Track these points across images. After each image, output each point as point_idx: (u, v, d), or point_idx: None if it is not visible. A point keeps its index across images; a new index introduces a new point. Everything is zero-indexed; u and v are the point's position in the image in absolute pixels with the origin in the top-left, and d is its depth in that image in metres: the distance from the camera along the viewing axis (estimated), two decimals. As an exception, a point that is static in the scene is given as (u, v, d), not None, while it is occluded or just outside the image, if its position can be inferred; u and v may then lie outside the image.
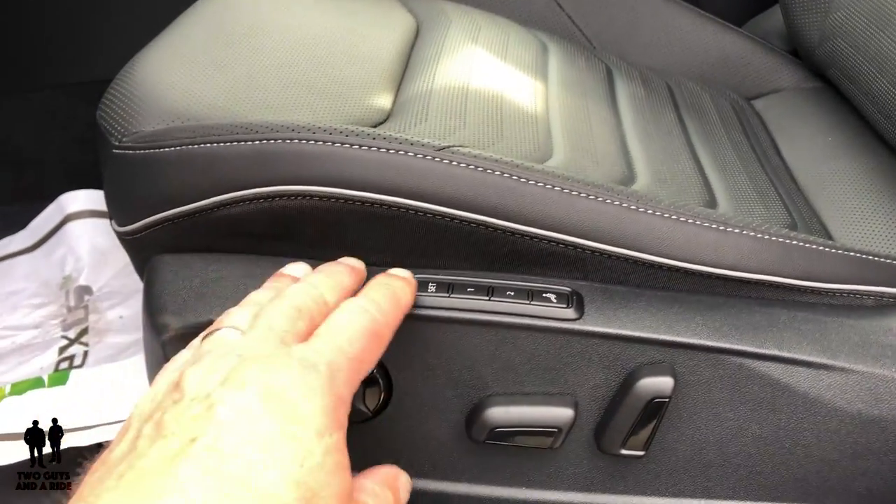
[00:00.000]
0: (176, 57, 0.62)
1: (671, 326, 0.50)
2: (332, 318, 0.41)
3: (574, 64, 0.80)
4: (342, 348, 0.39)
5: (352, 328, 0.40)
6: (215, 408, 0.34)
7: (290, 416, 0.34)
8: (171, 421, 0.33)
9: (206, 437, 0.32)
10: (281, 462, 0.33)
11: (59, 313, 0.94)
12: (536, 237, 0.51)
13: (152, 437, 0.33)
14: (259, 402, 0.34)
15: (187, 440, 0.32)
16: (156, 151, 0.53)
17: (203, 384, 0.35)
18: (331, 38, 0.70)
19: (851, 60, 0.75)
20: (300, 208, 0.51)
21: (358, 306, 0.42)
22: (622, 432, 0.51)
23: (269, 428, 0.33)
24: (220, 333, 0.40)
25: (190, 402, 0.34)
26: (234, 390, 0.35)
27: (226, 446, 0.32)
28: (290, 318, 0.41)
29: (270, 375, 0.36)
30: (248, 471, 0.32)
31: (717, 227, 0.52)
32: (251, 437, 0.33)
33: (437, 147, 0.50)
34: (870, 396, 0.50)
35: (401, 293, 0.45)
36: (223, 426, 0.33)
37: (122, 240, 0.58)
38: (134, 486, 0.31)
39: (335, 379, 0.37)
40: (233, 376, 0.35)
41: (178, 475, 0.31)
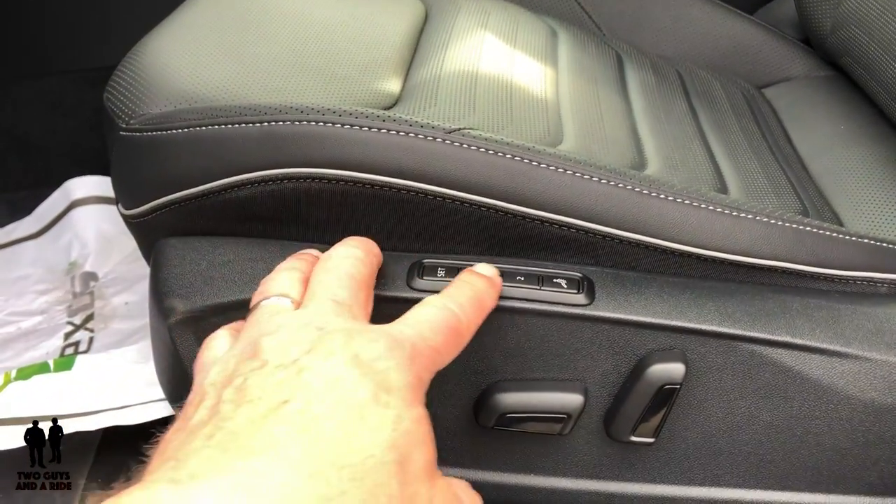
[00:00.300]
0: (183, 40, 0.62)
1: (683, 312, 0.50)
2: (416, 309, 0.41)
3: (584, 50, 0.80)
4: (424, 335, 0.39)
5: (435, 321, 0.41)
6: (304, 374, 0.34)
7: (380, 384, 0.34)
8: (256, 386, 0.33)
9: (297, 400, 0.33)
10: (375, 426, 0.33)
11: (64, 299, 0.94)
12: (547, 221, 0.50)
13: (236, 401, 0.33)
14: (349, 370, 0.34)
15: (277, 402, 0.32)
16: (163, 134, 0.53)
17: (286, 352, 0.35)
18: (339, 22, 0.69)
19: (864, 48, 0.74)
20: (308, 191, 0.50)
21: (442, 304, 0.42)
22: (632, 419, 0.51)
23: (361, 394, 0.34)
24: (272, 302, 0.41)
25: (275, 368, 0.34)
26: (322, 358, 0.35)
27: (318, 409, 0.32)
28: (349, 288, 0.42)
29: (358, 346, 0.36)
30: (343, 432, 0.32)
31: (729, 213, 0.51)
32: (343, 403, 0.33)
33: (448, 129, 0.50)
34: (883, 385, 0.49)
35: (484, 295, 0.45)
36: (313, 391, 0.33)
37: (128, 223, 0.58)
38: (226, 444, 0.31)
39: (417, 360, 0.38)
40: (318, 346, 0.36)
41: (273, 433, 0.31)
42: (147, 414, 0.71)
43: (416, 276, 0.50)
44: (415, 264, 0.51)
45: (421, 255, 0.52)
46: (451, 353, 0.41)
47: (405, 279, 0.50)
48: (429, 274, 0.50)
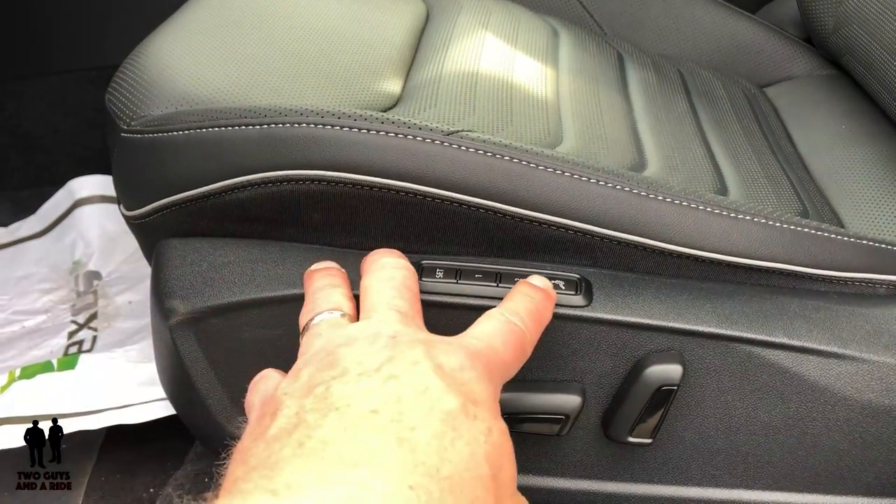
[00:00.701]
0: (184, 42, 0.62)
1: (680, 314, 0.50)
2: (481, 323, 0.41)
3: (585, 50, 0.80)
4: (495, 348, 0.39)
5: (502, 334, 0.40)
6: (391, 382, 0.33)
7: (467, 395, 0.34)
8: (341, 394, 0.33)
9: (388, 410, 0.32)
10: (468, 437, 0.32)
11: (68, 298, 0.94)
12: (545, 223, 0.50)
13: (321, 409, 0.32)
14: (437, 379, 0.34)
15: (367, 411, 0.32)
16: (164, 135, 0.53)
17: (367, 360, 0.35)
18: (340, 23, 0.69)
19: (866, 48, 0.74)
20: (307, 193, 0.50)
21: (505, 318, 0.42)
22: (630, 420, 0.51)
23: (451, 405, 0.33)
24: (326, 317, 0.41)
25: (358, 376, 0.34)
26: (406, 367, 0.34)
27: (411, 418, 0.32)
28: (408, 300, 0.41)
29: (439, 356, 0.35)
30: (439, 443, 0.31)
31: (727, 214, 0.51)
32: (435, 413, 0.32)
33: (446, 132, 0.50)
34: (880, 386, 0.50)
35: (543, 308, 0.45)
36: (403, 400, 0.32)
37: (130, 224, 0.58)
38: (319, 453, 0.30)
39: (493, 372, 0.37)
40: (399, 355, 0.35)
41: (368, 444, 0.30)
42: (149, 413, 0.71)
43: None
44: (414, 265, 0.51)
45: (420, 257, 0.52)
46: (517, 365, 0.41)
47: (404, 281, 0.50)
48: (428, 275, 0.51)
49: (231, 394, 0.55)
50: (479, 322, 0.41)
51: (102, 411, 0.72)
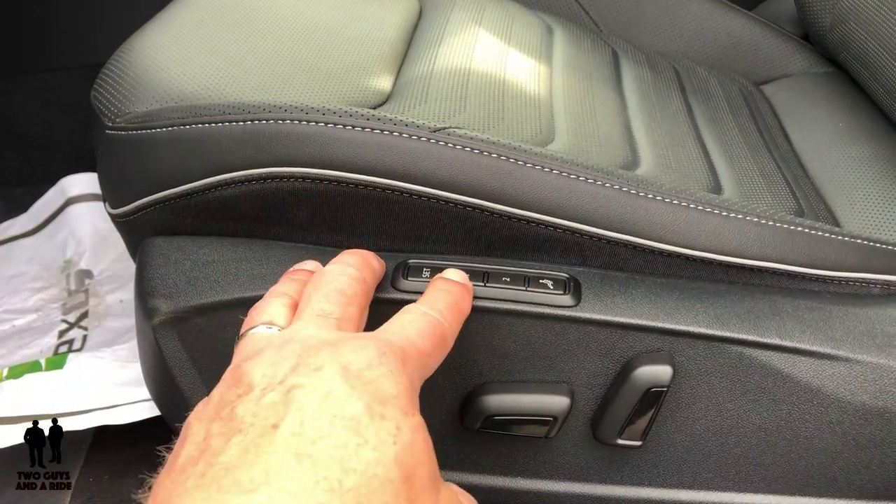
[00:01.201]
0: (170, 38, 0.61)
1: (670, 314, 0.49)
2: (398, 317, 0.40)
3: (579, 47, 0.79)
4: (412, 339, 0.38)
5: (419, 326, 0.40)
6: (293, 392, 0.32)
7: (373, 395, 0.33)
8: (245, 413, 0.31)
9: (289, 422, 0.31)
10: (375, 441, 0.31)
11: (59, 297, 0.93)
12: (533, 221, 0.49)
13: (226, 433, 0.31)
14: (340, 383, 0.33)
15: (268, 427, 0.31)
16: (147, 132, 0.52)
17: (271, 373, 0.34)
18: (330, 18, 0.68)
19: (863, 45, 0.74)
20: (292, 190, 0.50)
21: (422, 311, 0.41)
22: (619, 422, 0.50)
23: (355, 408, 0.32)
24: (258, 330, 0.40)
25: (261, 391, 0.33)
26: (309, 374, 0.33)
27: (313, 429, 0.31)
28: (339, 304, 0.40)
29: (345, 356, 0.34)
30: (342, 452, 0.30)
31: (718, 213, 0.50)
32: (338, 419, 0.31)
33: (433, 129, 0.49)
34: (874, 387, 0.49)
35: (461, 301, 0.44)
36: (305, 409, 0.31)
37: (115, 222, 0.58)
38: (221, 481, 0.29)
39: (408, 365, 0.36)
40: (304, 361, 0.34)
41: (269, 463, 0.29)
42: (136, 413, 0.70)
43: (402, 276, 0.50)
44: (400, 265, 0.50)
45: (406, 256, 0.51)
46: (438, 357, 0.40)
47: (390, 280, 0.50)
48: (414, 275, 0.50)
49: (215, 394, 0.54)
50: (396, 316, 0.40)
51: (90, 411, 0.71)
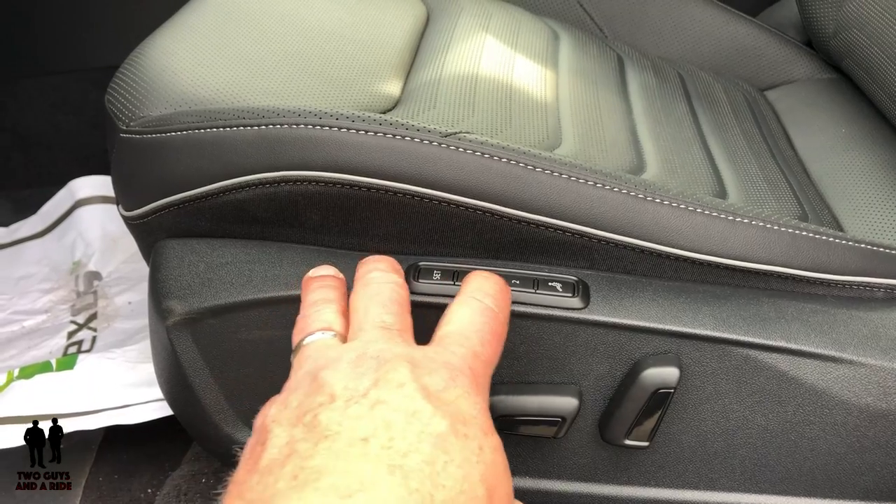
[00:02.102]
0: (184, 42, 0.62)
1: (677, 317, 0.50)
2: (455, 314, 0.41)
3: (585, 52, 0.80)
4: (477, 352, 0.39)
5: (481, 330, 0.40)
6: (378, 407, 0.33)
7: (455, 414, 0.34)
8: (330, 422, 0.32)
9: (379, 436, 0.32)
10: (460, 459, 0.32)
11: (68, 298, 0.94)
12: (542, 225, 0.50)
13: (311, 438, 0.32)
14: (424, 402, 0.33)
15: (357, 439, 0.31)
16: (162, 136, 0.53)
17: (353, 386, 0.34)
18: (340, 25, 0.69)
19: (866, 51, 0.74)
20: (305, 194, 0.50)
21: (478, 304, 0.41)
22: (626, 423, 0.51)
23: (441, 426, 0.33)
24: (317, 337, 0.40)
25: (345, 402, 0.33)
26: (392, 390, 0.34)
27: (402, 444, 0.31)
28: (396, 314, 0.41)
29: (423, 378, 0.35)
30: (432, 468, 0.31)
31: (725, 217, 0.51)
32: (425, 435, 0.32)
33: (444, 133, 0.50)
34: (878, 390, 0.49)
35: (505, 286, 0.44)
36: (393, 425, 0.32)
37: (128, 224, 0.58)
38: (316, 483, 0.29)
39: (478, 381, 0.37)
40: (384, 377, 0.34)
41: (363, 472, 0.30)
42: (147, 413, 0.71)
43: (413, 278, 0.50)
44: (411, 267, 0.51)
45: (417, 258, 0.52)
46: (498, 355, 0.41)
47: (401, 282, 0.50)
48: (425, 277, 0.51)
49: (228, 395, 0.55)
50: (451, 312, 0.41)
51: (100, 411, 0.72)
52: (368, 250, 0.53)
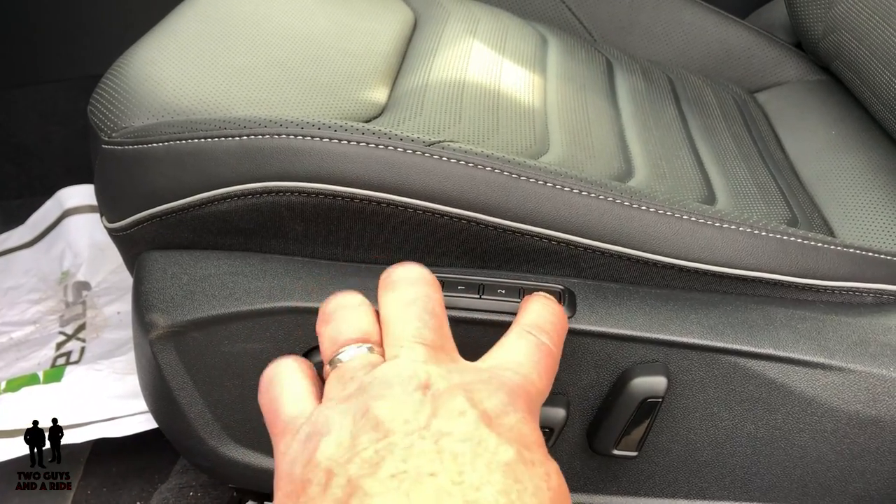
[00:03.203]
0: (167, 52, 0.62)
1: (665, 325, 0.49)
2: (511, 343, 0.39)
3: (574, 57, 0.79)
4: (532, 379, 0.37)
5: (535, 360, 0.38)
6: (443, 441, 0.31)
7: (519, 441, 0.32)
8: (393, 457, 0.31)
9: (447, 470, 0.30)
10: (532, 488, 0.31)
11: (57, 309, 0.94)
12: (528, 234, 0.50)
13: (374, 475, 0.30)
14: (487, 431, 0.32)
15: (425, 475, 0.30)
16: (144, 147, 0.53)
17: (412, 418, 0.33)
18: (325, 32, 0.69)
19: (855, 53, 0.74)
20: (288, 205, 0.50)
21: (535, 340, 0.39)
22: (615, 432, 0.50)
23: (508, 454, 0.31)
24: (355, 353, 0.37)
25: (405, 437, 0.32)
26: (453, 420, 0.32)
27: (473, 477, 0.30)
28: (435, 328, 0.38)
29: (483, 401, 0.34)
30: (507, 498, 0.30)
31: (712, 224, 0.51)
32: (494, 465, 0.31)
33: (427, 142, 0.50)
34: (867, 396, 0.49)
35: (562, 318, 0.42)
36: (460, 458, 0.31)
37: (112, 236, 0.58)
38: None
39: (534, 409, 0.36)
40: (443, 406, 0.33)
41: None
42: (135, 426, 0.71)
43: (397, 289, 0.50)
44: (396, 277, 0.51)
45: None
46: (549, 388, 0.39)
47: (386, 293, 0.50)
48: (410, 287, 0.50)
49: (213, 408, 0.55)
50: (507, 343, 0.39)
51: (88, 424, 0.71)
52: (352, 261, 0.53)
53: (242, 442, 0.56)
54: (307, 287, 0.51)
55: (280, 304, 0.50)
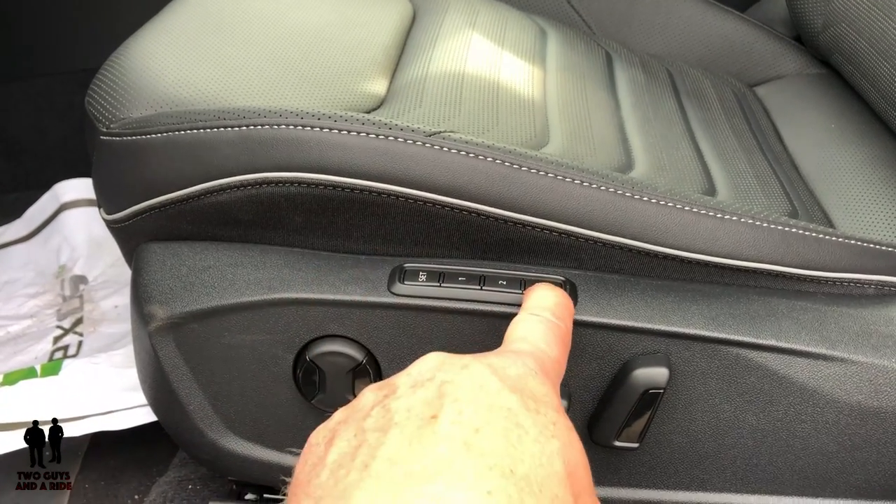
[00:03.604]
0: (165, 43, 0.61)
1: (666, 316, 0.49)
2: (517, 326, 0.40)
3: (573, 49, 0.79)
4: (542, 349, 0.38)
5: (541, 332, 0.39)
6: (445, 386, 0.32)
7: (524, 391, 0.32)
8: (399, 408, 0.31)
9: (448, 412, 0.30)
10: (534, 433, 0.31)
11: (54, 303, 0.93)
12: (529, 225, 0.50)
13: (381, 427, 0.30)
14: (491, 377, 0.32)
15: (426, 418, 0.30)
16: (142, 138, 0.52)
17: (416, 373, 0.33)
18: (325, 24, 0.68)
19: (854, 46, 0.74)
20: (288, 196, 0.50)
21: (540, 318, 0.41)
22: (616, 424, 0.50)
23: (510, 400, 0.31)
24: None
25: (411, 388, 0.32)
26: (457, 371, 0.33)
27: (473, 418, 0.30)
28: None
29: (489, 357, 0.34)
30: (507, 442, 0.30)
31: (713, 215, 0.51)
32: (495, 408, 0.31)
33: (428, 133, 0.49)
34: (869, 387, 0.49)
35: (566, 299, 0.44)
36: (461, 400, 0.31)
37: (110, 228, 0.57)
38: (388, 473, 0.28)
39: (546, 370, 0.36)
40: (448, 361, 0.34)
41: (439, 454, 0.29)
42: (133, 419, 0.70)
43: (398, 280, 0.50)
44: (396, 269, 0.51)
45: (402, 260, 0.51)
46: (565, 362, 0.40)
47: (386, 284, 0.50)
48: (410, 278, 0.50)
49: (212, 400, 0.54)
50: (513, 327, 0.40)
51: (86, 417, 0.71)
52: (353, 252, 0.52)
53: (242, 434, 0.56)
54: (307, 278, 0.51)
55: (280, 296, 0.50)
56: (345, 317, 0.50)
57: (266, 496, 0.63)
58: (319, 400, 0.52)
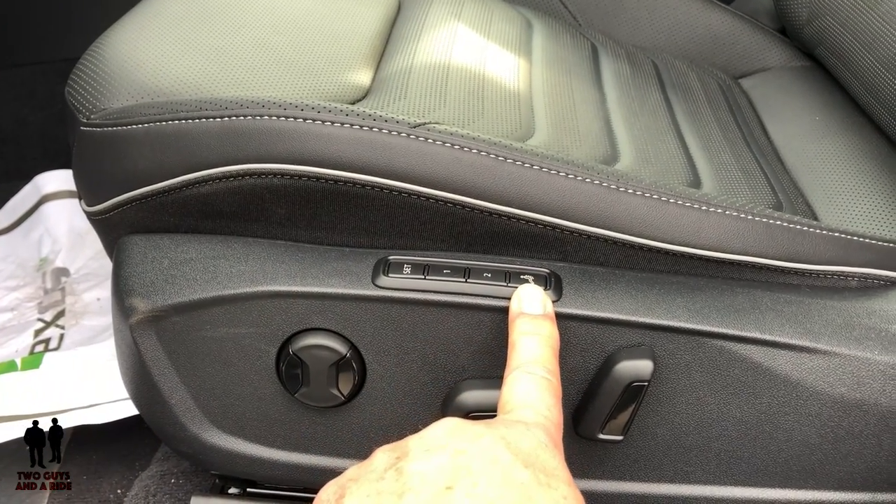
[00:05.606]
0: (147, 33, 0.60)
1: (651, 309, 0.49)
2: (515, 388, 0.41)
3: (559, 41, 0.79)
4: (545, 414, 0.39)
5: (541, 394, 0.40)
6: (460, 457, 0.33)
7: (537, 465, 0.33)
8: (412, 472, 0.32)
9: (462, 483, 0.31)
10: None
11: (35, 295, 0.92)
12: (514, 217, 0.49)
13: (395, 491, 0.31)
14: (504, 451, 0.33)
15: (442, 488, 0.31)
16: (123, 129, 0.52)
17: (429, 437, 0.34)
18: (309, 14, 0.68)
19: (839, 38, 0.74)
20: (270, 187, 0.49)
21: (536, 377, 0.41)
22: (600, 416, 0.50)
23: (523, 476, 0.32)
24: None
25: (423, 453, 0.33)
26: (472, 441, 0.34)
27: (487, 491, 0.31)
28: None
29: (500, 429, 0.35)
30: None
31: (698, 207, 0.51)
32: (508, 482, 0.32)
33: (412, 124, 0.49)
34: (852, 379, 0.49)
35: (553, 339, 0.45)
36: (476, 473, 0.32)
37: (91, 220, 0.57)
38: None
39: (554, 440, 0.37)
40: (462, 429, 0.34)
41: None
42: (115, 412, 0.70)
43: (382, 273, 0.49)
44: (380, 261, 0.50)
45: (387, 252, 0.51)
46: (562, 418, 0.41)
47: (370, 277, 0.50)
48: (395, 271, 0.50)
49: (194, 394, 0.54)
50: (513, 389, 0.41)
51: (67, 411, 0.70)
52: (337, 244, 0.52)
53: (224, 428, 0.55)
54: (290, 271, 0.50)
55: (263, 289, 0.50)
56: (328, 310, 0.50)
57: (249, 490, 0.63)
58: (303, 393, 0.52)
